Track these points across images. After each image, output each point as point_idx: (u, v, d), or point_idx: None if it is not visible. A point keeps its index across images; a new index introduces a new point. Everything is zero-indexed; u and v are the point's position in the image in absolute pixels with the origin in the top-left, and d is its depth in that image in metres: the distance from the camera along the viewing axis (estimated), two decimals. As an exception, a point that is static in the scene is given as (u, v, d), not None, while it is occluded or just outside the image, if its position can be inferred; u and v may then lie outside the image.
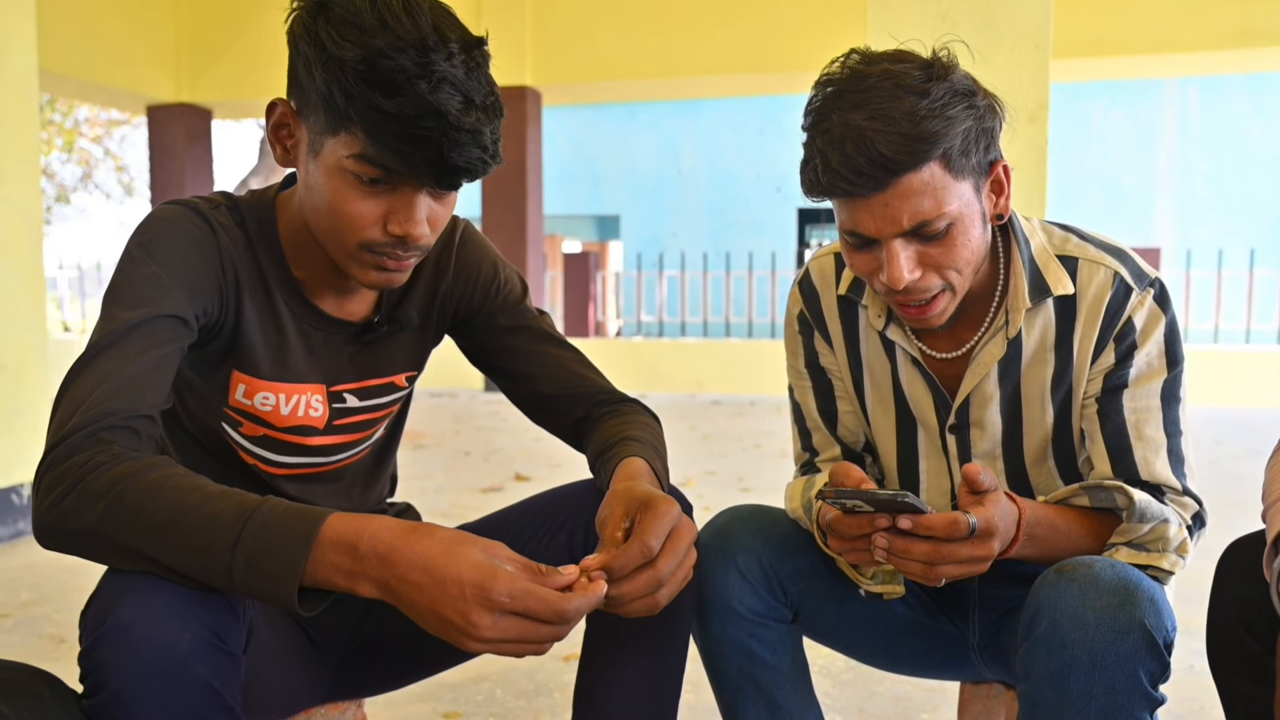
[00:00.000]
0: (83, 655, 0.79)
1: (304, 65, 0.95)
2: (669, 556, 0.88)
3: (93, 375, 0.90)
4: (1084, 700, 0.94)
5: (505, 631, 0.76)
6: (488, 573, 0.76)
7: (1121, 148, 11.79)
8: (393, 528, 0.79)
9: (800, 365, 1.29)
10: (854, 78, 1.01)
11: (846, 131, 0.98)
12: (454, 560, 0.77)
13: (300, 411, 1.13)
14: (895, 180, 0.99)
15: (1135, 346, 1.10)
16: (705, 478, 4.40)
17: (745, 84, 8.13)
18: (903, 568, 0.98)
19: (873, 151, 0.97)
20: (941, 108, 0.98)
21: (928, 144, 0.98)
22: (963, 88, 1.01)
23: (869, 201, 1.01)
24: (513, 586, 0.76)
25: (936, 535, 0.94)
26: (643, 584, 0.86)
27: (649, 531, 0.87)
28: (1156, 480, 1.10)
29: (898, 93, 0.98)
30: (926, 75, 1.00)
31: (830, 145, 0.99)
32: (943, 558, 0.95)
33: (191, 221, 1.03)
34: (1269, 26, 6.31)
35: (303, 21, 0.96)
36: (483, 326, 1.24)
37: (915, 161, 0.98)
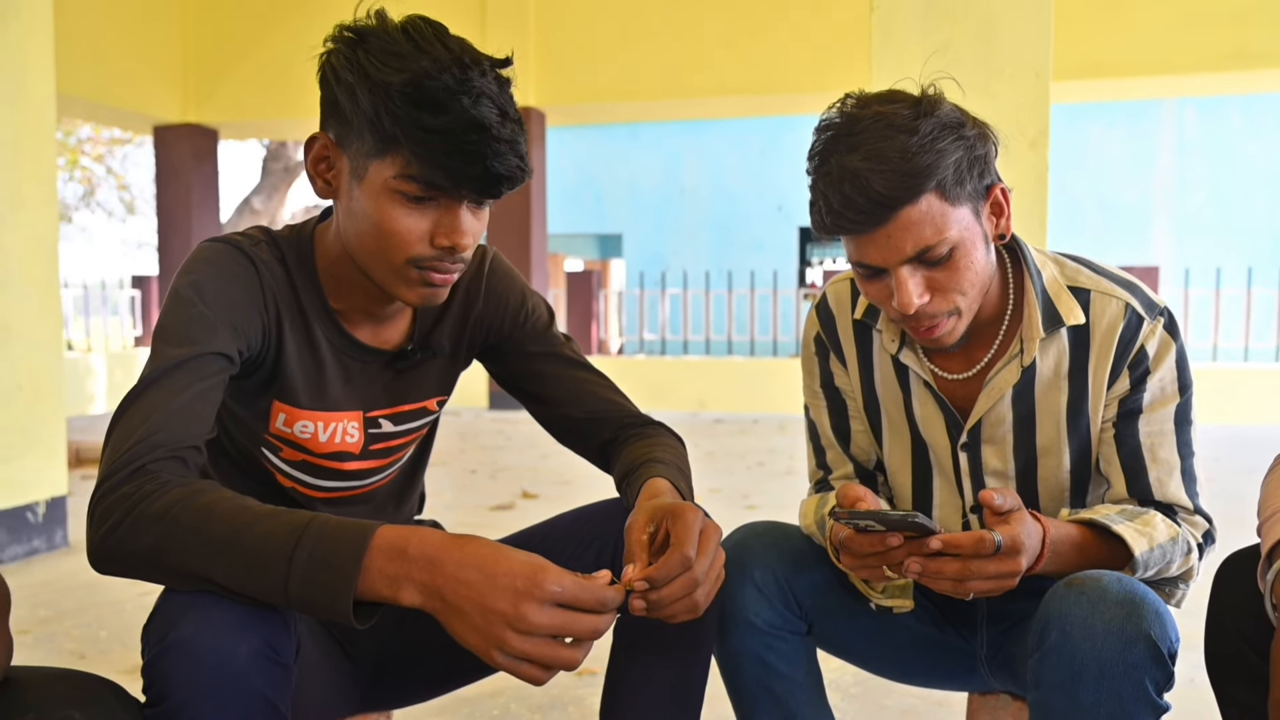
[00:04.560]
0: (146, 667, 0.84)
1: (347, 94, 1.00)
2: (703, 557, 0.93)
3: (142, 409, 0.95)
4: (1093, 707, 0.99)
5: (552, 621, 0.80)
6: (538, 566, 0.81)
7: (1119, 167, 11.88)
8: (441, 534, 0.84)
9: (816, 385, 1.34)
10: (848, 121, 1.08)
11: (844, 174, 1.04)
12: (504, 558, 0.82)
13: (338, 438, 1.18)
14: (894, 214, 1.05)
15: (1149, 373, 1.16)
16: (710, 495, 4.44)
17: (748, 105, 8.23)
18: (934, 585, 1.03)
19: (870, 190, 1.03)
20: (931, 142, 1.04)
21: (921, 178, 1.04)
22: (950, 120, 1.07)
23: (873, 236, 1.07)
24: (561, 579, 0.81)
25: (964, 553, 0.99)
26: (681, 586, 0.91)
27: (684, 539, 0.92)
28: (1170, 500, 1.16)
29: (889, 133, 1.04)
30: (915, 113, 1.06)
31: (831, 187, 1.06)
32: (971, 574, 1.00)
33: (235, 260, 1.08)
34: (1263, 49, 6.40)
35: (342, 54, 1.01)
36: (513, 353, 1.29)
37: (911, 195, 1.04)
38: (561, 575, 0.81)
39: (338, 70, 1.01)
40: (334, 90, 1.02)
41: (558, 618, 0.81)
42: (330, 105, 1.04)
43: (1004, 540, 1.00)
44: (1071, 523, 1.13)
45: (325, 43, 1.05)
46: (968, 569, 1.01)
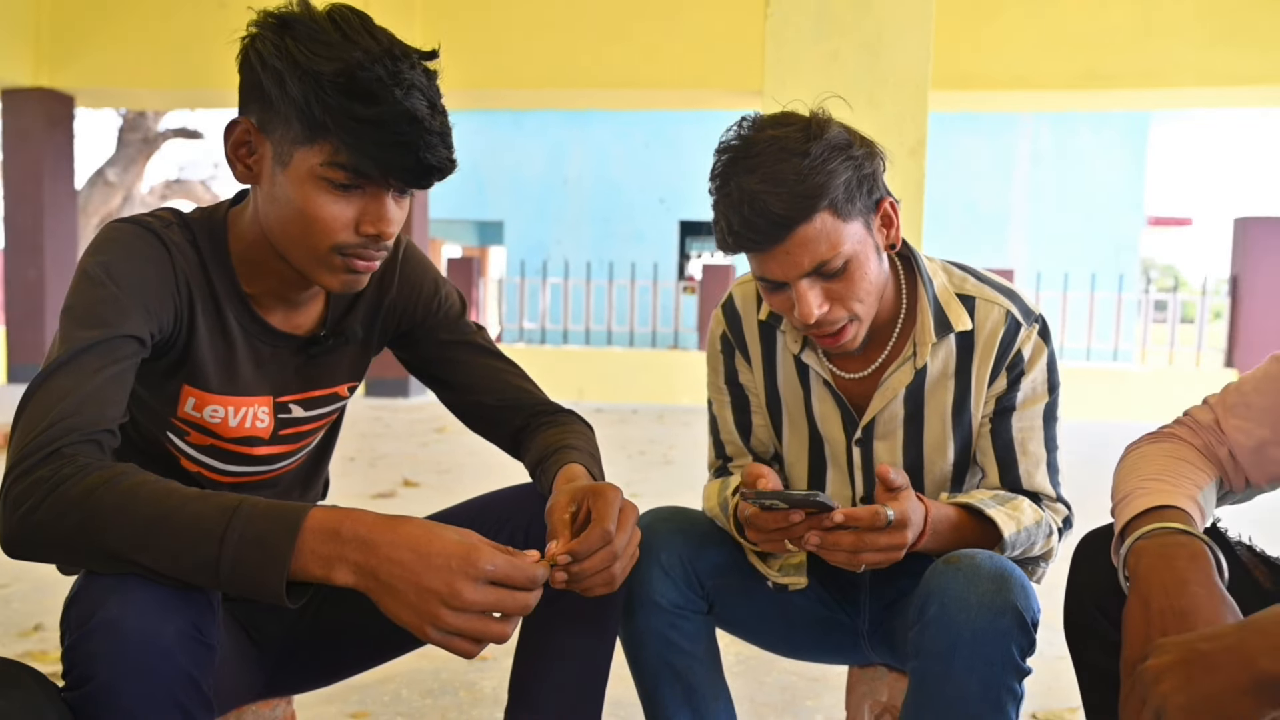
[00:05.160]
0: (69, 650, 0.83)
1: (274, 81, 0.99)
2: (621, 533, 0.99)
3: (54, 392, 0.93)
4: (967, 672, 1.09)
5: (485, 598, 0.84)
6: (471, 546, 0.85)
7: (981, 175, 12.54)
8: (373, 516, 0.87)
9: (720, 381, 1.41)
10: (745, 144, 1.16)
11: (744, 195, 1.11)
12: (437, 537, 0.85)
13: (248, 423, 1.17)
14: (791, 233, 1.13)
15: (1023, 374, 1.28)
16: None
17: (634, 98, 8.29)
18: (830, 557, 1.11)
19: (768, 211, 1.11)
20: (822, 164, 1.12)
21: (814, 198, 1.12)
22: (839, 142, 1.15)
23: (773, 253, 1.15)
24: (494, 557, 0.85)
25: (861, 525, 1.08)
26: (601, 559, 0.96)
27: (604, 515, 0.98)
28: (1036, 489, 1.28)
29: (783, 155, 1.12)
30: (805, 136, 1.14)
31: (732, 209, 1.13)
32: (865, 546, 1.09)
33: (146, 242, 1.06)
34: (1111, 71, 6.88)
35: (269, 41, 1.00)
36: (424, 340, 1.31)
37: (805, 215, 1.12)
38: (494, 553, 0.85)
39: (264, 56, 1.01)
40: (259, 76, 1.01)
41: (490, 595, 0.84)
42: (254, 90, 1.03)
43: (895, 514, 1.09)
44: (950, 505, 1.23)
45: (248, 27, 1.05)
46: (862, 541, 1.10)
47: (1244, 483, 1.05)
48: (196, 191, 21.30)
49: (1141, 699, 0.78)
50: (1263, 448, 1.02)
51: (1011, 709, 1.11)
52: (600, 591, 0.98)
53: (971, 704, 1.10)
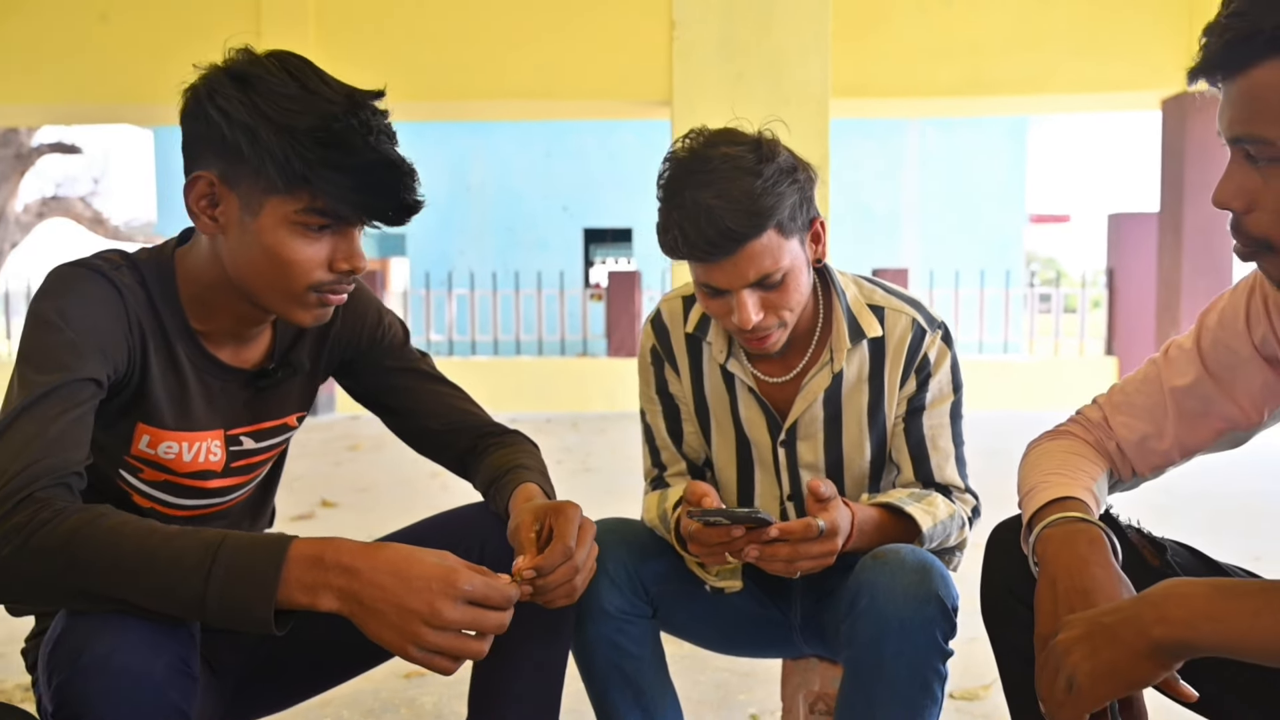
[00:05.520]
0: (59, 688, 0.85)
1: (245, 136, 1.02)
2: (581, 548, 1.05)
3: (19, 437, 0.95)
4: (896, 657, 1.19)
5: (464, 617, 0.90)
6: (450, 568, 0.90)
7: (872, 178, 12.97)
8: (353, 543, 0.91)
9: (652, 392, 1.49)
10: (698, 159, 1.23)
11: (698, 209, 1.19)
12: (417, 561, 0.90)
13: (201, 457, 1.20)
14: (741, 247, 1.21)
15: (930, 376, 1.39)
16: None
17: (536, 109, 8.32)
18: (768, 567, 1.20)
19: (721, 225, 1.19)
20: (773, 185, 1.21)
21: (764, 217, 1.21)
22: (787, 166, 1.25)
23: (720, 264, 1.23)
24: (472, 578, 0.91)
25: (794, 538, 1.17)
26: (564, 573, 1.03)
27: (565, 532, 1.04)
28: (946, 482, 1.39)
29: (736, 174, 1.20)
30: (758, 157, 1.23)
31: (686, 219, 1.20)
32: (800, 555, 1.18)
33: (97, 285, 1.08)
34: (993, 78, 7.24)
35: (231, 97, 1.03)
36: (370, 368, 1.35)
37: (755, 231, 1.21)
38: (472, 575, 0.91)
39: (228, 113, 1.03)
40: (222, 130, 1.04)
41: (468, 614, 0.90)
42: (215, 144, 1.05)
43: (826, 525, 1.18)
44: (871, 506, 1.34)
45: (200, 82, 1.08)
46: (796, 551, 1.19)
47: (1130, 472, 1.18)
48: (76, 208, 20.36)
49: (1055, 669, 0.89)
50: (1144, 441, 1.15)
51: (937, 688, 1.22)
52: (562, 603, 1.05)
53: (902, 686, 1.20)
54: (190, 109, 1.09)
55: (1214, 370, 1.10)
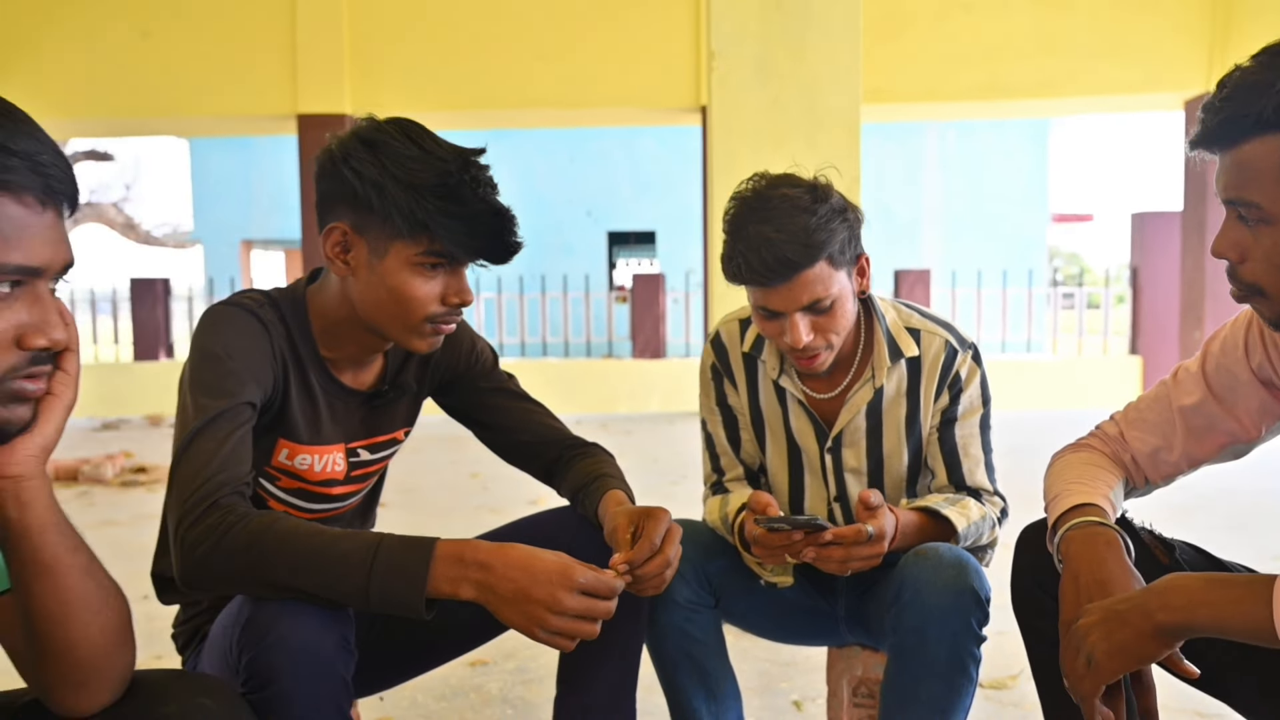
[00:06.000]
0: (249, 663, 1.03)
1: (375, 191, 1.21)
2: (670, 546, 1.23)
3: (200, 454, 1.14)
4: (936, 643, 1.36)
5: (579, 605, 1.07)
6: (568, 564, 1.08)
7: (894, 181, 13.09)
8: (487, 544, 1.09)
9: (712, 404, 1.66)
10: (760, 198, 1.41)
11: (760, 240, 1.36)
12: (540, 559, 1.08)
13: (328, 468, 1.38)
14: (797, 274, 1.38)
15: (962, 391, 1.55)
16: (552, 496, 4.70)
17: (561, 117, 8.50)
18: (824, 566, 1.37)
19: (780, 255, 1.36)
20: (826, 222, 1.38)
21: (818, 249, 1.38)
22: (839, 206, 1.42)
23: (778, 289, 1.40)
24: (586, 573, 1.08)
25: (847, 542, 1.34)
26: (656, 566, 1.21)
27: (654, 532, 1.22)
28: (977, 486, 1.55)
29: (795, 212, 1.38)
30: (814, 198, 1.40)
31: (749, 249, 1.37)
32: (851, 556, 1.35)
33: (248, 321, 1.26)
34: (1011, 82, 7.36)
35: (363, 158, 1.22)
36: (465, 388, 1.52)
37: (810, 262, 1.38)
38: (584, 570, 1.08)
39: (360, 172, 1.21)
40: (354, 187, 1.22)
41: (583, 603, 1.08)
42: (348, 199, 1.24)
43: (874, 530, 1.35)
44: (912, 510, 1.50)
45: (335, 146, 1.26)
46: (849, 553, 1.36)
47: (1144, 481, 1.34)
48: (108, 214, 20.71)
49: (1076, 648, 1.05)
50: (1156, 453, 1.31)
51: (973, 669, 1.38)
52: (651, 592, 1.22)
53: (942, 667, 1.37)
54: (325, 170, 1.27)
55: (1217, 391, 1.26)
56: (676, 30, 7.49)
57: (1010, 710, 2.20)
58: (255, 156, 13.92)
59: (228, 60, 7.64)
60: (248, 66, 7.64)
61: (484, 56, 7.65)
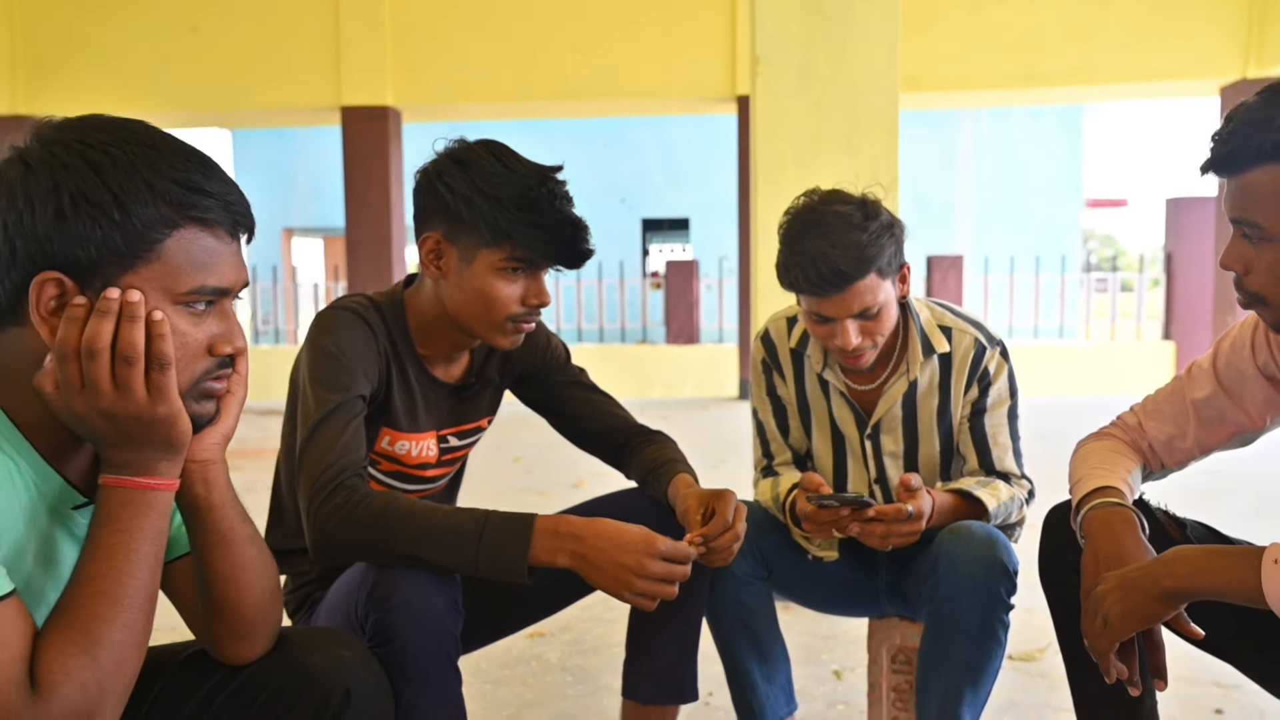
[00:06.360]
0: (376, 622, 1.20)
1: (463, 204, 1.37)
2: (739, 521, 1.38)
3: (323, 441, 1.31)
4: (969, 610, 1.51)
5: (660, 570, 1.24)
6: (650, 535, 1.25)
7: (927, 168, 13.10)
8: (577, 518, 1.26)
9: (763, 394, 1.82)
10: (814, 214, 1.55)
11: (816, 254, 1.51)
12: (626, 531, 1.25)
13: (424, 453, 1.55)
14: (849, 285, 1.52)
15: (990, 385, 1.69)
16: (594, 478, 4.87)
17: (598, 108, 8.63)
18: (867, 540, 1.52)
19: (835, 268, 1.50)
20: (875, 238, 1.52)
21: (869, 262, 1.52)
22: (887, 222, 1.56)
23: (831, 299, 1.54)
24: (666, 542, 1.25)
25: (889, 519, 1.49)
26: (727, 540, 1.37)
27: (725, 510, 1.38)
28: (1006, 470, 1.70)
29: (847, 228, 1.52)
30: (864, 215, 1.54)
31: (805, 262, 1.52)
32: (892, 532, 1.51)
33: (358, 324, 1.43)
34: (1044, 70, 7.41)
35: (454, 174, 1.38)
36: (543, 382, 1.68)
37: (862, 274, 1.52)
38: (663, 540, 1.24)
39: (451, 186, 1.38)
40: (447, 200, 1.38)
41: (663, 568, 1.24)
42: (441, 211, 1.40)
43: (914, 510, 1.50)
44: (947, 491, 1.65)
45: (430, 165, 1.42)
46: (890, 529, 1.51)
47: (1160, 466, 1.47)
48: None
49: (1094, 611, 1.19)
50: (1171, 441, 1.45)
51: (1002, 634, 1.53)
52: (721, 563, 1.38)
53: (974, 632, 1.52)
54: (422, 186, 1.43)
55: (1226, 386, 1.39)
56: (711, 22, 7.59)
57: (1038, 680, 2.34)
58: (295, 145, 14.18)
59: (273, 54, 7.85)
60: (293, 60, 7.85)
61: (522, 48, 7.80)
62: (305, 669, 1.09)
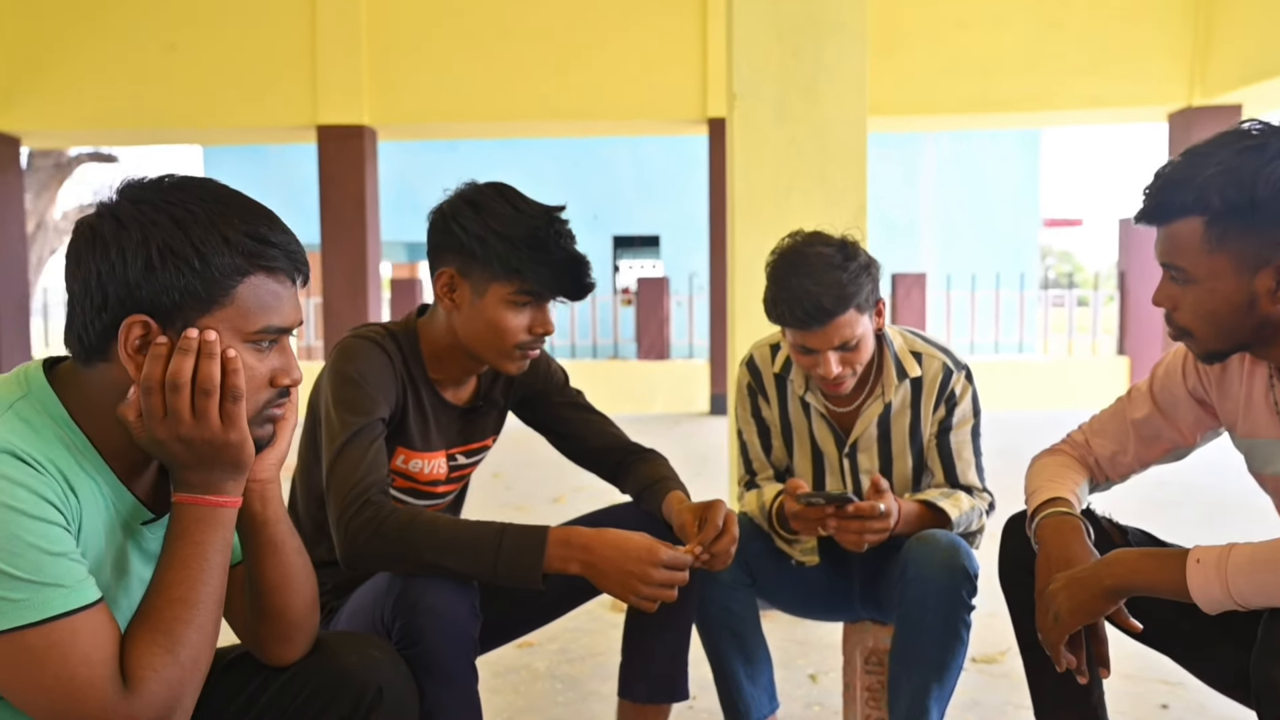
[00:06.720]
0: (402, 627, 1.33)
1: (476, 241, 1.50)
2: (732, 526, 1.52)
3: (349, 461, 1.43)
4: (936, 610, 1.66)
5: (662, 577, 1.38)
6: (654, 544, 1.39)
7: (892, 187, 13.40)
8: (586, 530, 1.39)
9: (748, 415, 1.96)
10: (799, 255, 1.71)
11: (802, 292, 1.66)
12: (631, 540, 1.38)
13: (435, 470, 1.67)
14: (832, 320, 1.68)
15: (956, 405, 1.85)
16: (572, 493, 5.00)
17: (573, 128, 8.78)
18: (842, 538, 1.67)
19: (819, 305, 1.65)
20: (855, 277, 1.68)
21: (849, 300, 1.67)
22: (865, 262, 1.72)
23: (814, 332, 1.69)
24: (667, 552, 1.39)
25: (864, 515, 1.64)
26: (725, 544, 1.50)
27: (717, 517, 1.52)
28: (969, 484, 1.86)
29: (829, 268, 1.67)
30: (844, 256, 1.70)
31: (792, 299, 1.67)
32: (866, 529, 1.66)
33: (377, 351, 1.55)
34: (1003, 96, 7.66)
35: (464, 215, 1.52)
36: (544, 404, 1.82)
37: (842, 310, 1.67)
38: (665, 549, 1.38)
39: (465, 226, 1.52)
40: (460, 238, 1.52)
41: (664, 575, 1.38)
42: (456, 248, 1.53)
43: (885, 508, 1.66)
44: (913, 501, 1.80)
45: (445, 205, 1.56)
46: (864, 526, 1.66)
47: (1105, 478, 1.63)
48: (111, 216, 20.91)
49: (1046, 609, 1.35)
50: (1114, 456, 1.61)
51: (964, 633, 1.69)
52: (721, 566, 1.52)
53: (939, 631, 1.67)
54: (437, 225, 1.57)
55: (1162, 407, 1.56)
56: (683, 47, 7.77)
57: (1000, 680, 2.51)
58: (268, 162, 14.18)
59: (250, 73, 7.91)
60: (269, 79, 7.91)
61: (496, 69, 7.91)
62: (341, 669, 1.21)
